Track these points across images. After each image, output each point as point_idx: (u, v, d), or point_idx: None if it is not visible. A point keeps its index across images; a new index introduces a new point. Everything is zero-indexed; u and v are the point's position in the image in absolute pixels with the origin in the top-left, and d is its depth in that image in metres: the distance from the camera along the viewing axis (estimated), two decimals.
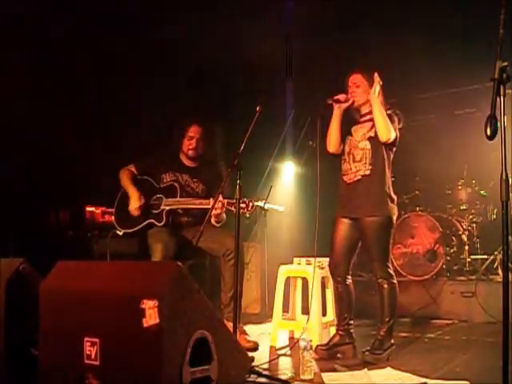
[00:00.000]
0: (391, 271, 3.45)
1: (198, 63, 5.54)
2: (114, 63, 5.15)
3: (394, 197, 3.50)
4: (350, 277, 3.56)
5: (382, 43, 5.49)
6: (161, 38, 5.27)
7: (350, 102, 3.49)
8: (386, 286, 3.40)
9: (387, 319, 3.40)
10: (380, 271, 3.41)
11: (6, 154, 4.49)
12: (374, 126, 3.44)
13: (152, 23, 5.28)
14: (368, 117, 3.51)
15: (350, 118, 3.59)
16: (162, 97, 5.46)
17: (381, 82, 3.45)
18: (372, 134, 3.44)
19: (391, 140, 3.39)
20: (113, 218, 4.12)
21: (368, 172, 3.43)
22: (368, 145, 3.45)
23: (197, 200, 3.90)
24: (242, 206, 3.49)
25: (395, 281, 3.45)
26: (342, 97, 3.50)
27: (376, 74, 3.44)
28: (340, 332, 3.55)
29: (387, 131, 3.36)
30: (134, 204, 3.96)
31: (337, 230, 3.53)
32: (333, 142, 3.55)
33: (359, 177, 3.45)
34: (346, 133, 3.55)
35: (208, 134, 4.15)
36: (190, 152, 4.09)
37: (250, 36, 5.17)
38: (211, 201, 3.67)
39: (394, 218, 3.48)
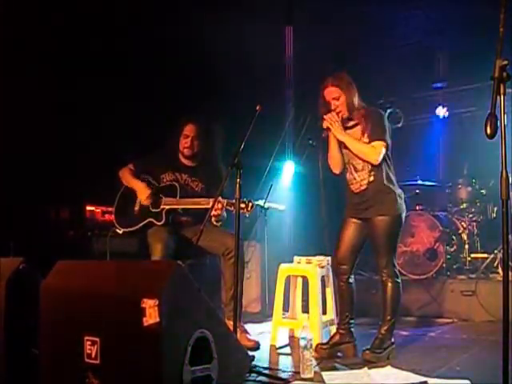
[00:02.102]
0: (397, 270, 3.45)
1: (197, 62, 5.54)
2: (114, 63, 5.15)
3: (402, 193, 3.50)
4: (353, 276, 3.56)
5: (382, 43, 5.50)
6: (160, 37, 5.27)
7: (338, 116, 3.42)
8: (390, 284, 3.40)
9: (389, 318, 3.40)
10: (386, 269, 3.41)
11: (6, 154, 4.48)
12: (364, 130, 3.41)
13: (153, 23, 5.28)
14: (356, 121, 3.47)
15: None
16: (161, 96, 5.46)
17: (338, 119, 3.40)
18: (366, 140, 3.41)
19: (381, 156, 3.36)
20: (113, 216, 4.12)
21: (372, 178, 3.43)
22: None
23: (196, 200, 3.90)
24: (242, 206, 3.49)
25: (399, 280, 3.45)
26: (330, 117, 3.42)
27: (333, 113, 3.40)
28: (340, 331, 3.55)
29: (371, 155, 3.37)
30: (144, 194, 3.95)
31: (345, 228, 3.53)
32: (336, 165, 3.56)
33: (365, 186, 3.45)
34: (342, 146, 3.52)
35: (204, 132, 4.15)
36: (186, 150, 4.10)
37: (250, 35, 5.17)
38: (211, 201, 3.67)
39: (403, 215, 3.48)
